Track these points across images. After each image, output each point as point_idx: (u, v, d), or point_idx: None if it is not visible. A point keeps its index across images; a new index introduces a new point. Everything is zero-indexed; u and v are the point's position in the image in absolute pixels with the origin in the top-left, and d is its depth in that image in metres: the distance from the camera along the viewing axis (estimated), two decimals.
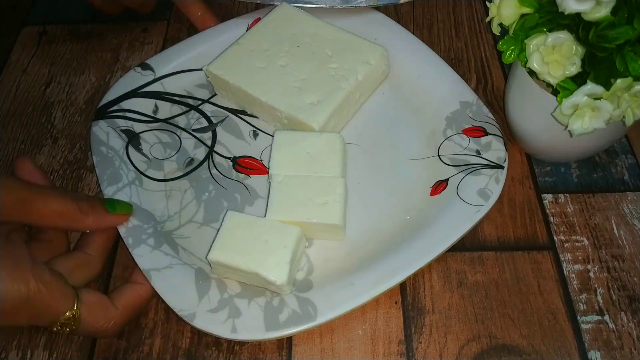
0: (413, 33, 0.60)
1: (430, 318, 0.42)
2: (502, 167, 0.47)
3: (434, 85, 0.52)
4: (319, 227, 0.43)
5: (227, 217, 0.42)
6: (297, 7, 0.55)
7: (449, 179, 0.47)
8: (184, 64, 0.55)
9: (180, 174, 0.49)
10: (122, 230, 0.44)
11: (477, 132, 0.49)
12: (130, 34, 0.62)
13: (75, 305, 0.38)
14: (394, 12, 0.62)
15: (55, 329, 0.38)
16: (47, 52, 0.61)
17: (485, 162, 0.47)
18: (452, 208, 0.45)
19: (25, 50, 0.62)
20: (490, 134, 0.49)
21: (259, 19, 0.56)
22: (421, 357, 0.41)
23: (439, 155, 0.49)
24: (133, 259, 0.43)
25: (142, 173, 0.48)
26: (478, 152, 0.48)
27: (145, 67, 0.54)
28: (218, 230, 0.42)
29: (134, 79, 0.53)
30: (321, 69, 0.51)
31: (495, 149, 0.48)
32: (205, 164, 0.50)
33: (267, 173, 0.48)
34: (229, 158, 0.50)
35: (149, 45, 0.61)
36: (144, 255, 0.43)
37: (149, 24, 0.63)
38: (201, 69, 0.54)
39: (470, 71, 0.57)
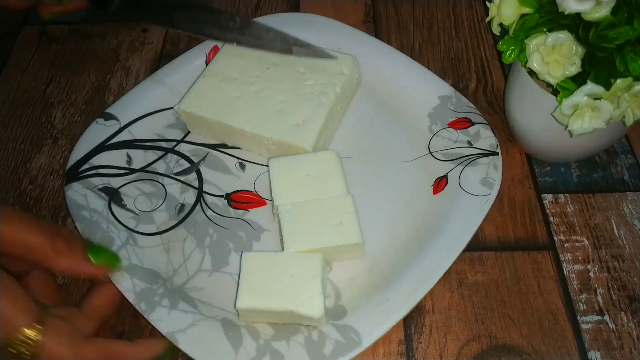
0: (413, 33, 0.60)
1: (430, 318, 0.42)
2: (497, 154, 0.47)
3: (407, 84, 0.52)
4: (340, 249, 0.42)
5: (244, 259, 0.41)
6: None
7: (448, 174, 0.47)
8: (148, 106, 0.52)
9: (174, 222, 0.46)
10: (131, 297, 0.40)
11: (463, 123, 0.49)
12: (130, 34, 0.62)
13: (37, 323, 0.33)
14: (394, 12, 0.62)
15: (11, 350, 0.33)
16: (47, 52, 0.61)
17: (479, 151, 0.48)
18: (460, 202, 0.45)
19: (25, 50, 0.62)
20: (476, 123, 0.49)
21: (216, 47, 0.55)
22: (421, 357, 0.41)
23: (430, 153, 0.49)
24: (152, 325, 0.40)
25: (133, 230, 0.45)
26: (469, 142, 0.48)
27: (108, 117, 0.51)
28: (239, 275, 0.41)
29: (98, 132, 0.50)
30: (298, 88, 0.50)
31: (485, 137, 0.48)
32: (198, 207, 0.47)
33: (266, 204, 0.47)
34: (221, 196, 0.48)
35: (149, 45, 0.61)
36: (163, 319, 0.40)
37: (149, 24, 0.63)
38: (169, 109, 0.52)
39: (470, 71, 0.57)
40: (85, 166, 0.48)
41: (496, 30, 0.44)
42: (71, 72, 0.59)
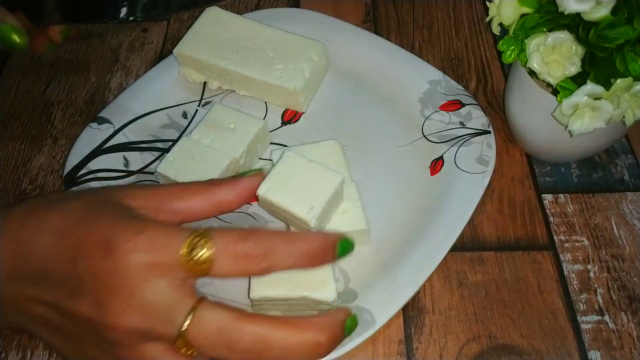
0: (413, 33, 0.60)
1: (430, 318, 0.42)
2: (489, 132, 0.48)
3: (397, 71, 0.53)
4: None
5: None
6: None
7: (443, 156, 0.48)
8: (140, 107, 0.52)
9: None
10: None
11: (454, 105, 0.50)
12: (130, 34, 0.62)
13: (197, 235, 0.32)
14: (394, 12, 0.62)
15: (191, 266, 0.32)
16: (47, 52, 0.61)
17: (472, 131, 0.49)
18: (458, 181, 0.46)
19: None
20: (467, 105, 0.50)
21: None
22: (421, 357, 0.41)
23: (424, 136, 0.50)
24: None
25: None
26: (462, 123, 0.49)
27: (102, 120, 0.51)
28: None
29: (93, 136, 0.50)
30: (266, 72, 0.50)
31: (477, 117, 0.50)
32: None
33: None
34: None
35: (149, 45, 0.61)
36: None
37: (149, 24, 0.63)
38: (162, 109, 0.52)
39: (470, 71, 0.57)
40: (83, 171, 0.48)
41: (496, 30, 0.44)
42: (71, 72, 0.59)
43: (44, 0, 0.44)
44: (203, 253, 0.32)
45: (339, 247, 0.36)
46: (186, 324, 0.32)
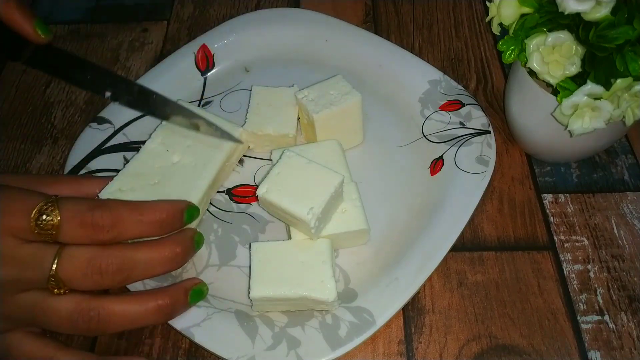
0: (413, 33, 0.60)
1: (430, 318, 0.42)
2: (489, 132, 0.48)
3: (396, 71, 0.53)
4: (345, 235, 0.43)
5: (253, 250, 0.41)
6: None
7: (443, 156, 0.48)
8: None
9: None
10: None
11: (454, 105, 0.51)
12: (130, 34, 0.62)
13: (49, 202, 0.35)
14: (394, 12, 0.62)
15: (38, 230, 0.35)
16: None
17: (472, 131, 0.49)
18: (458, 181, 0.46)
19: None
20: (467, 105, 0.50)
21: (204, 46, 0.55)
22: (421, 357, 0.41)
23: (424, 136, 0.50)
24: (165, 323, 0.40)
25: None
26: (462, 123, 0.49)
27: (102, 120, 0.51)
28: (249, 266, 0.41)
29: (93, 136, 0.50)
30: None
31: (477, 117, 0.50)
32: None
33: None
34: (222, 192, 0.48)
35: (148, 45, 0.61)
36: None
37: (149, 24, 0.63)
38: None
39: (470, 71, 0.57)
40: (83, 171, 0.48)
41: (496, 30, 0.44)
42: None
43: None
44: (49, 220, 0.35)
45: (186, 214, 0.40)
46: (54, 265, 0.35)
